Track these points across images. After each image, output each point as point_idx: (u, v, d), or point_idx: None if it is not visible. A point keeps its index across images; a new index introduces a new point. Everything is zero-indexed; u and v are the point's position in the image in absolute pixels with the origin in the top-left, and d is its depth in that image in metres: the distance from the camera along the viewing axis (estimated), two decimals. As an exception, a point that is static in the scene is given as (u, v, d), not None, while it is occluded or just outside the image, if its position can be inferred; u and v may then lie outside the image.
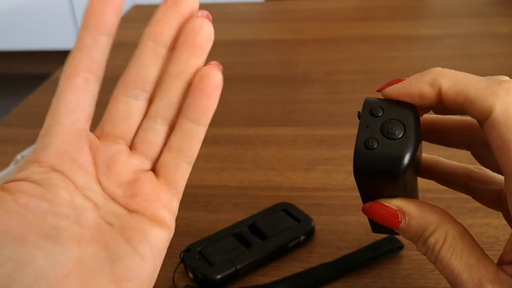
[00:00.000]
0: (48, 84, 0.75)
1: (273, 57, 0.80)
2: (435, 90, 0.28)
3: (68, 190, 0.26)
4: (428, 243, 0.28)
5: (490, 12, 0.91)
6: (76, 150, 0.27)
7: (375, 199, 0.30)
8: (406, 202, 0.29)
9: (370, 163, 0.27)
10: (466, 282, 0.27)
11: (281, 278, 0.39)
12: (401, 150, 0.27)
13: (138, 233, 0.26)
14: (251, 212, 0.45)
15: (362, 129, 0.29)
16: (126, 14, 1.03)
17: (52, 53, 2.53)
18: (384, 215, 0.29)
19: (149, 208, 0.27)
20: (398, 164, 0.27)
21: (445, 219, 0.28)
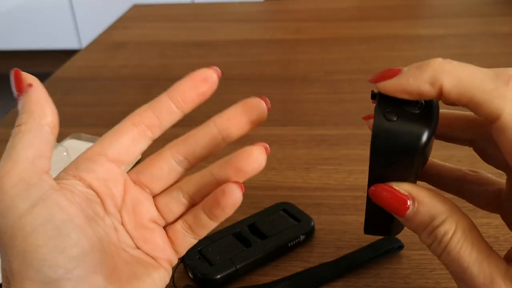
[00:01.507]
0: (47, 84, 0.75)
1: (273, 57, 0.80)
2: (436, 89, 0.26)
3: (102, 210, 0.29)
4: (436, 233, 0.27)
5: (490, 11, 0.91)
6: (114, 182, 0.30)
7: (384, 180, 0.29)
8: (417, 188, 0.28)
9: (390, 135, 0.26)
10: (476, 276, 0.26)
11: (281, 278, 0.39)
12: (422, 123, 0.26)
13: (150, 264, 0.30)
14: (251, 212, 0.45)
15: (380, 103, 0.28)
16: (126, 14, 1.03)
17: (52, 53, 2.53)
18: (392, 199, 0.28)
19: (155, 255, 0.30)
20: (419, 136, 0.26)
21: (455, 211, 0.27)
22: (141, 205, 0.30)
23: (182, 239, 0.31)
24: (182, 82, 0.31)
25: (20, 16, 2.47)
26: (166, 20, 0.99)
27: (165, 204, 0.31)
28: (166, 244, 0.31)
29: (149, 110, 0.31)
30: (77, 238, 0.26)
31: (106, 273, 0.27)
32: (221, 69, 0.32)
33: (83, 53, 0.86)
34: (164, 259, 0.31)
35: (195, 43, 0.86)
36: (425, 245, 0.28)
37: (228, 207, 0.29)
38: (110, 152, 0.30)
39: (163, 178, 0.31)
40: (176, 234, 0.31)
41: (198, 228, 0.31)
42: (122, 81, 0.72)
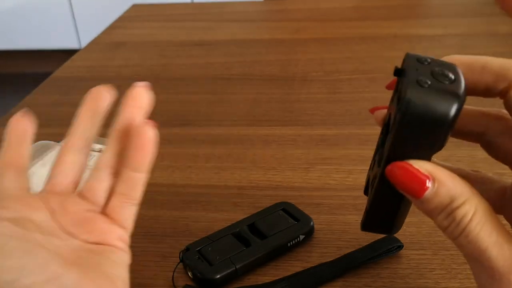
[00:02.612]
0: (47, 83, 0.75)
1: (273, 57, 0.79)
2: None
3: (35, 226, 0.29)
4: (455, 214, 0.26)
5: (490, 11, 0.91)
6: (30, 200, 0.30)
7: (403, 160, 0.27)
8: (438, 168, 0.27)
9: (423, 100, 0.26)
10: (495, 258, 0.26)
11: (281, 277, 0.39)
12: (455, 93, 0.26)
13: (105, 250, 0.30)
14: (251, 212, 0.45)
15: (410, 71, 0.27)
16: (125, 14, 1.03)
17: (52, 52, 2.53)
18: (411, 178, 0.27)
19: (107, 239, 0.31)
20: (452, 104, 0.26)
21: (475, 193, 0.27)
22: (67, 203, 0.31)
23: (123, 212, 0.32)
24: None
25: (20, 16, 2.47)
26: (165, 20, 0.99)
27: (88, 189, 0.32)
28: (109, 224, 0.31)
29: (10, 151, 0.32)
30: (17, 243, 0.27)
31: (62, 262, 0.27)
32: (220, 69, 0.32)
33: (83, 53, 0.86)
34: (116, 239, 0.31)
35: (194, 43, 0.86)
36: (440, 228, 0.27)
37: (147, 145, 0.31)
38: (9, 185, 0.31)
39: (72, 169, 0.32)
40: (115, 210, 0.32)
41: (131, 188, 0.32)
42: (121, 81, 0.72)
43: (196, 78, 0.73)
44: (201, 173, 0.53)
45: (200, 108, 0.64)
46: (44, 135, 0.53)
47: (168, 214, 0.47)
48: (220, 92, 0.69)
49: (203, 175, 0.52)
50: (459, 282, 0.38)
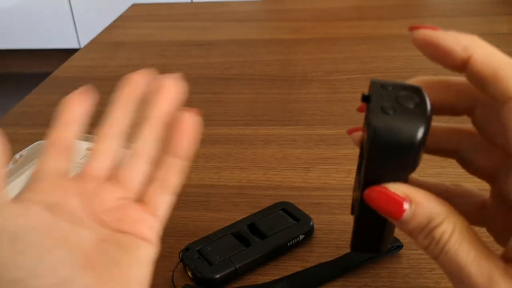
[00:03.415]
0: (47, 83, 0.75)
1: (272, 57, 0.79)
2: (465, 55, 0.27)
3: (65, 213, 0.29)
4: (434, 234, 0.27)
5: (490, 11, 0.91)
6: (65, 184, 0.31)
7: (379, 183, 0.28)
8: (413, 189, 0.28)
9: (388, 127, 0.26)
10: (474, 275, 0.26)
11: (280, 277, 0.39)
12: (420, 116, 0.26)
13: (131, 244, 0.30)
14: (250, 212, 0.45)
15: (375, 99, 0.28)
16: (125, 13, 1.03)
17: (51, 52, 2.53)
18: (388, 201, 0.27)
19: (137, 228, 0.31)
20: (418, 127, 0.26)
21: (452, 212, 0.27)
22: (101, 190, 0.31)
23: (158, 199, 0.32)
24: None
25: (19, 15, 2.47)
26: (165, 19, 0.99)
27: (124, 175, 0.32)
28: (142, 212, 0.31)
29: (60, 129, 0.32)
30: (36, 239, 0.26)
31: (75, 264, 0.27)
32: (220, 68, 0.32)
33: (82, 52, 0.86)
34: (147, 228, 0.31)
35: (194, 43, 0.86)
36: (421, 248, 0.28)
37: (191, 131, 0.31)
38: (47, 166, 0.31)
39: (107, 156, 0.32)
40: (151, 197, 0.32)
41: (171, 175, 0.32)
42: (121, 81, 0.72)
43: (196, 78, 0.73)
44: (200, 172, 0.53)
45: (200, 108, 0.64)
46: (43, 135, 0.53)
47: (168, 214, 0.47)
48: (220, 92, 0.69)
49: (202, 174, 0.52)
50: (459, 282, 0.38)
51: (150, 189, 0.32)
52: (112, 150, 0.33)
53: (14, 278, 0.25)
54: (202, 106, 0.65)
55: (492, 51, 0.27)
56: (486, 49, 0.27)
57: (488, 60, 0.26)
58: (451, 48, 0.27)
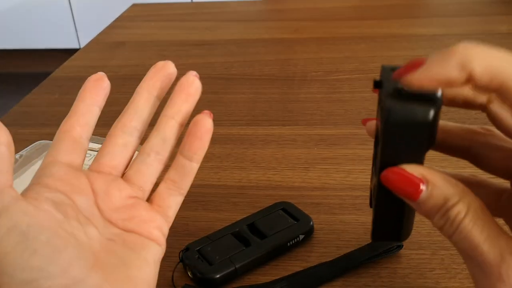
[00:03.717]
0: (47, 83, 0.75)
1: (272, 56, 0.79)
2: (466, 74, 0.25)
3: (73, 210, 0.29)
4: (449, 214, 0.27)
5: (489, 11, 0.91)
6: (76, 178, 0.30)
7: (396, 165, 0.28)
8: (430, 170, 0.28)
9: (401, 108, 0.27)
10: (486, 253, 0.26)
11: (280, 277, 0.39)
12: (430, 97, 0.27)
13: (139, 244, 0.30)
14: (250, 211, 0.45)
15: (387, 83, 0.28)
16: (125, 13, 1.03)
17: (51, 52, 2.53)
18: (405, 182, 0.27)
19: (145, 227, 0.30)
20: (430, 105, 0.26)
21: (468, 192, 0.27)
22: (112, 187, 0.31)
23: (168, 199, 0.32)
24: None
25: (19, 15, 2.47)
26: (165, 19, 0.99)
27: (135, 172, 0.32)
28: (151, 212, 0.31)
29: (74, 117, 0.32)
30: (47, 238, 0.26)
31: (86, 265, 0.27)
32: (220, 68, 0.32)
33: (82, 52, 0.86)
34: (155, 228, 0.31)
35: (194, 43, 0.86)
36: (437, 227, 0.28)
37: (204, 135, 0.32)
38: (59, 157, 0.30)
39: (122, 151, 0.32)
40: (161, 197, 0.32)
41: (181, 176, 0.32)
42: (121, 81, 0.72)
43: (196, 77, 0.73)
44: (200, 172, 0.52)
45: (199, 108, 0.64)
46: (44, 134, 0.53)
47: (167, 213, 0.47)
48: (220, 91, 0.69)
49: (202, 174, 0.52)
50: (459, 282, 0.38)
51: (161, 189, 0.32)
52: (127, 146, 0.32)
53: (26, 278, 0.25)
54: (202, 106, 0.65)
55: (491, 57, 0.25)
56: (483, 58, 0.25)
57: (489, 71, 0.25)
58: (447, 77, 0.25)
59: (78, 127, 0.31)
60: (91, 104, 0.32)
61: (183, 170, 0.32)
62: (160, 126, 0.32)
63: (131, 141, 0.32)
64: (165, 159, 0.33)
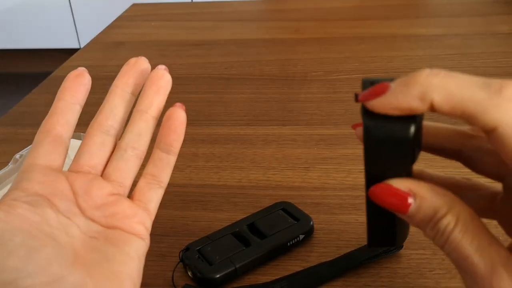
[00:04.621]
0: (47, 83, 0.75)
1: (272, 56, 0.79)
2: (426, 105, 0.26)
3: (53, 211, 0.29)
4: (439, 225, 0.27)
5: (490, 11, 0.91)
6: (56, 180, 0.30)
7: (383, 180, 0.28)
8: (416, 182, 0.28)
9: (380, 125, 0.27)
10: (477, 264, 0.26)
11: (280, 277, 0.39)
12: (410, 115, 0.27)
13: (121, 239, 0.30)
14: (250, 211, 0.45)
15: None
16: (125, 13, 1.03)
17: (51, 52, 2.53)
18: (393, 198, 0.27)
19: (127, 223, 0.31)
20: (409, 121, 0.26)
21: (457, 201, 0.27)
22: (92, 186, 0.31)
23: (149, 193, 0.32)
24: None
25: (19, 15, 2.47)
26: (165, 19, 0.99)
27: (114, 169, 0.32)
28: (132, 207, 0.31)
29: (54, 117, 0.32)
30: (22, 240, 0.26)
31: (66, 262, 0.27)
32: (220, 68, 0.32)
33: (82, 52, 0.86)
34: (137, 223, 0.31)
35: (194, 43, 0.86)
36: (429, 238, 0.28)
37: (179, 127, 0.32)
38: (38, 160, 0.31)
39: (100, 150, 0.32)
40: (141, 192, 0.32)
41: (160, 169, 0.32)
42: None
43: (196, 78, 0.73)
44: (200, 172, 0.53)
45: (199, 108, 0.64)
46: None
47: (167, 213, 0.47)
48: (220, 91, 0.69)
49: (202, 174, 0.52)
50: (459, 282, 0.38)
51: (141, 184, 0.32)
52: (105, 145, 0.32)
53: (4, 279, 0.25)
54: (202, 106, 0.65)
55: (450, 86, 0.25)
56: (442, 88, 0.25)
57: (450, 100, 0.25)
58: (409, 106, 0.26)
59: (59, 126, 0.32)
60: (72, 102, 0.33)
61: (161, 163, 0.32)
62: (134, 121, 0.33)
63: (108, 139, 0.33)
64: (142, 153, 0.33)
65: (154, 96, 0.33)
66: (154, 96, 0.33)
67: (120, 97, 0.33)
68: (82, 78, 0.33)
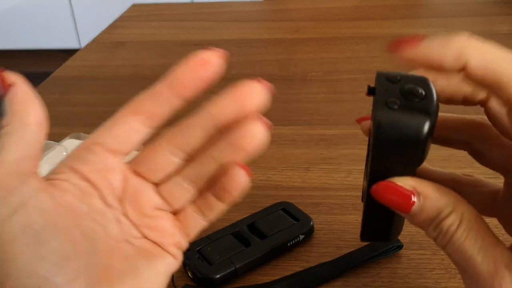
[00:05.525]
0: (47, 83, 0.75)
1: (272, 57, 0.80)
2: (459, 64, 0.25)
3: (101, 202, 0.28)
4: (442, 225, 0.27)
5: (490, 11, 0.91)
6: (112, 173, 0.28)
7: (386, 178, 0.28)
8: (421, 182, 0.27)
9: (394, 122, 0.26)
10: (480, 264, 0.26)
11: (280, 277, 0.39)
12: (425, 110, 0.26)
13: (155, 254, 0.29)
14: (250, 211, 0.45)
15: (380, 93, 0.27)
16: (125, 13, 1.03)
17: (52, 52, 2.53)
18: (396, 196, 0.27)
19: (163, 241, 0.29)
20: (423, 123, 0.26)
21: (461, 202, 0.27)
22: (143, 193, 0.29)
23: (193, 222, 0.30)
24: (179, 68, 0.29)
25: (20, 15, 2.47)
26: (165, 19, 0.99)
27: (169, 191, 0.30)
28: (174, 228, 0.30)
29: (148, 99, 0.29)
30: (58, 244, 0.25)
31: (92, 275, 0.26)
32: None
33: (82, 52, 0.86)
34: (172, 243, 0.29)
35: (194, 43, 0.86)
36: (431, 238, 0.28)
37: (234, 190, 0.29)
38: (107, 142, 0.28)
39: (160, 170, 0.30)
40: (187, 218, 0.30)
41: (208, 210, 0.30)
42: (121, 81, 0.72)
43: (196, 78, 0.73)
44: (201, 173, 0.53)
45: (200, 108, 0.64)
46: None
47: (168, 214, 0.47)
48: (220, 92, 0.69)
49: (203, 175, 0.52)
50: (459, 282, 0.38)
51: (189, 210, 0.30)
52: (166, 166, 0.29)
53: (30, 285, 0.24)
54: (202, 106, 0.65)
55: (489, 52, 0.25)
56: (481, 52, 0.25)
57: (485, 66, 0.25)
58: (441, 61, 0.25)
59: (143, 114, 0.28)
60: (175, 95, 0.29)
61: (211, 206, 0.30)
62: (202, 161, 0.29)
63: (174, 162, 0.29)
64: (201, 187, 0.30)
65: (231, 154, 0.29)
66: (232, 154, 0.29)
67: (203, 127, 0.29)
68: (205, 68, 0.30)
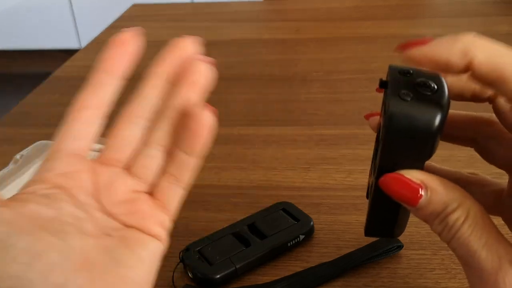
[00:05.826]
0: (47, 83, 0.75)
1: (273, 57, 0.80)
2: (466, 61, 0.26)
3: (70, 204, 0.28)
4: (448, 220, 0.27)
5: (490, 11, 0.91)
6: (78, 172, 0.29)
7: (394, 170, 0.28)
8: (429, 175, 0.27)
9: (405, 114, 0.26)
10: (484, 260, 0.26)
11: (281, 277, 0.39)
12: (437, 103, 0.26)
13: (136, 241, 0.29)
14: (251, 212, 0.45)
15: (392, 85, 0.27)
16: (125, 13, 1.03)
17: (52, 52, 2.53)
18: (404, 188, 0.27)
19: (145, 224, 0.29)
20: (435, 115, 0.26)
21: (467, 197, 0.27)
22: (116, 181, 0.30)
23: (170, 193, 0.31)
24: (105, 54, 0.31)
25: (20, 15, 2.47)
26: (165, 19, 0.99)
27: (140, 167, 0.30)
28: (153, 207, 0.30)
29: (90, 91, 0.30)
30: (26, 244, 0.25)
31: (70, 267, 0.26)
32: (220, 69, 0.32)
33: (83, 52, 0.86)
34: (155, 223, 0.30)
35: (194, 43, 0.86)
36: (435, 232, 0.28)
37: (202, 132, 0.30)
38: (67, 144, 0.29)
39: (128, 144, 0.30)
40: (163, 191, 0.31)
41: (181, 170, 0.30)
42: (121, 81, 0.72)
43: (196, 78, 0.73)
44: (201, 173, 0.52)
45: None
46: (44, 135, 0.53)
47: (168, 214, 0.47)
48: (220, 92, 0.68)
49: (203, 175, 0.52)
50: (459, 282, 0.38)
51: (162, 183, 0.31)
52: (133, 138, 0.30)
53: (4, 287, 0.25)
54: (202, 106, 0.65)
55: (493, 49, 0.26)
56: (486, 49, 0.26)
57: (490, 62, 0.25)
58: (448, 59, 0.26)
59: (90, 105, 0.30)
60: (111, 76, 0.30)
61: (182, 165, 0.30)
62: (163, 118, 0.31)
63: (137, 132, 0.30)
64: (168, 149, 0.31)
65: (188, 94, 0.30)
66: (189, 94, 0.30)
67: (153, 87, 0.31)
68: (126, 46, 0.31)
